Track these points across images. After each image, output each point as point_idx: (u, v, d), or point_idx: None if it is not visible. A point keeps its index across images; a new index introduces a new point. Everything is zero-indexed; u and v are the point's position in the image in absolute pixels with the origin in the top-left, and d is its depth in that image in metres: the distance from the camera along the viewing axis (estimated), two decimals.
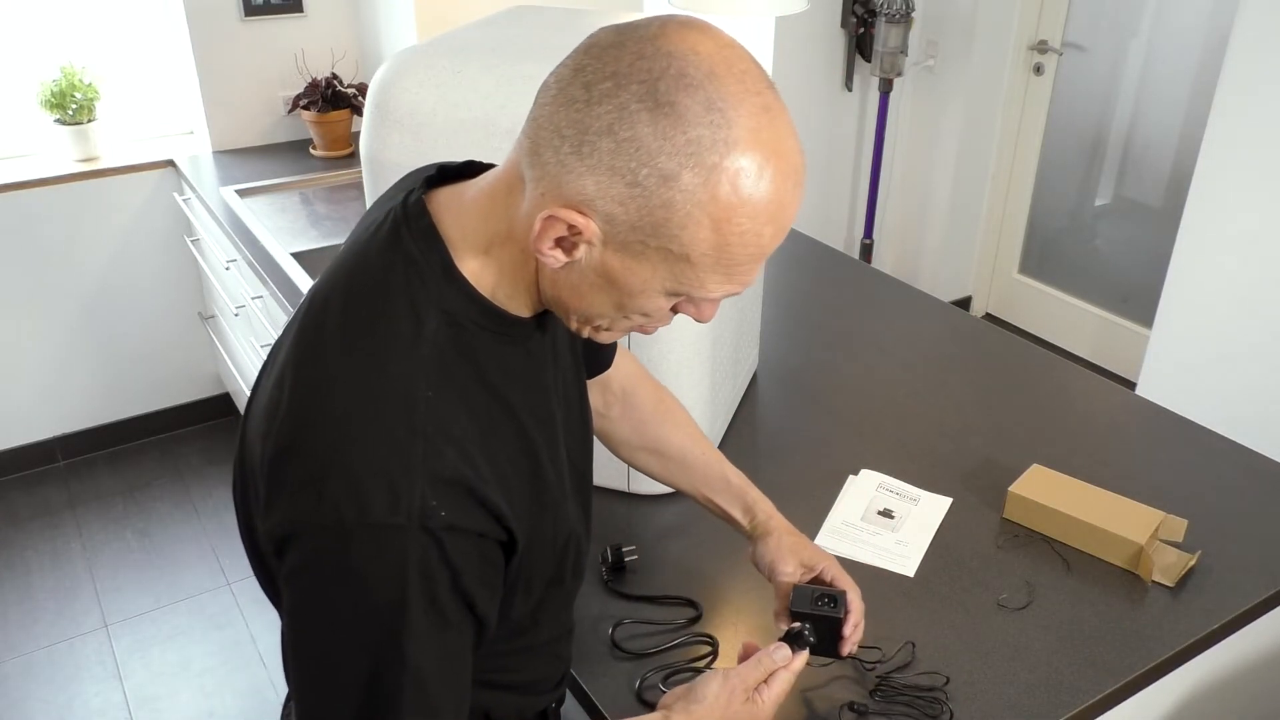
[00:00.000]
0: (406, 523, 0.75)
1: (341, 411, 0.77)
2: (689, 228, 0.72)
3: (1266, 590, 1.32)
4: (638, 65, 0.70)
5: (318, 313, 0.83)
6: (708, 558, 1.38)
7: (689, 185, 0.70)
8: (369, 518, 0.75)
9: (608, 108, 0.70)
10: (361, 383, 0.77)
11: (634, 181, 0.71)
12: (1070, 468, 1.52)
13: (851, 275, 2.24)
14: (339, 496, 0.75)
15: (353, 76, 3.15)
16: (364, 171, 1.42)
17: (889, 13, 3.41)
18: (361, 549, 0.75)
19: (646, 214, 0.72)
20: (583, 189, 0.72)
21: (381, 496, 0.75)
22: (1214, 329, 2.70)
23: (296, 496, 0.77)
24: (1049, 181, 3.80)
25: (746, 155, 0.71)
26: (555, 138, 0.72)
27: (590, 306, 0.81)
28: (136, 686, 2.43)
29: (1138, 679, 1.19)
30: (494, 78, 1.32)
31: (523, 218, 0.77)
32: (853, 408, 1.73)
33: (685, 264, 0.74)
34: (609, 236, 0.74)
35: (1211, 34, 3.18)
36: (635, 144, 0.70)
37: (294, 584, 0.80)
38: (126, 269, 3.09)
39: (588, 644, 1.23)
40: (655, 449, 1.22)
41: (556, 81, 0.74)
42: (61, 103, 2.86)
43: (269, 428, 0.81)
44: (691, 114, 0.69)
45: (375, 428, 0.76)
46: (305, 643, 0.81)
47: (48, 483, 3.12)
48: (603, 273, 0.77)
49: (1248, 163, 2.53)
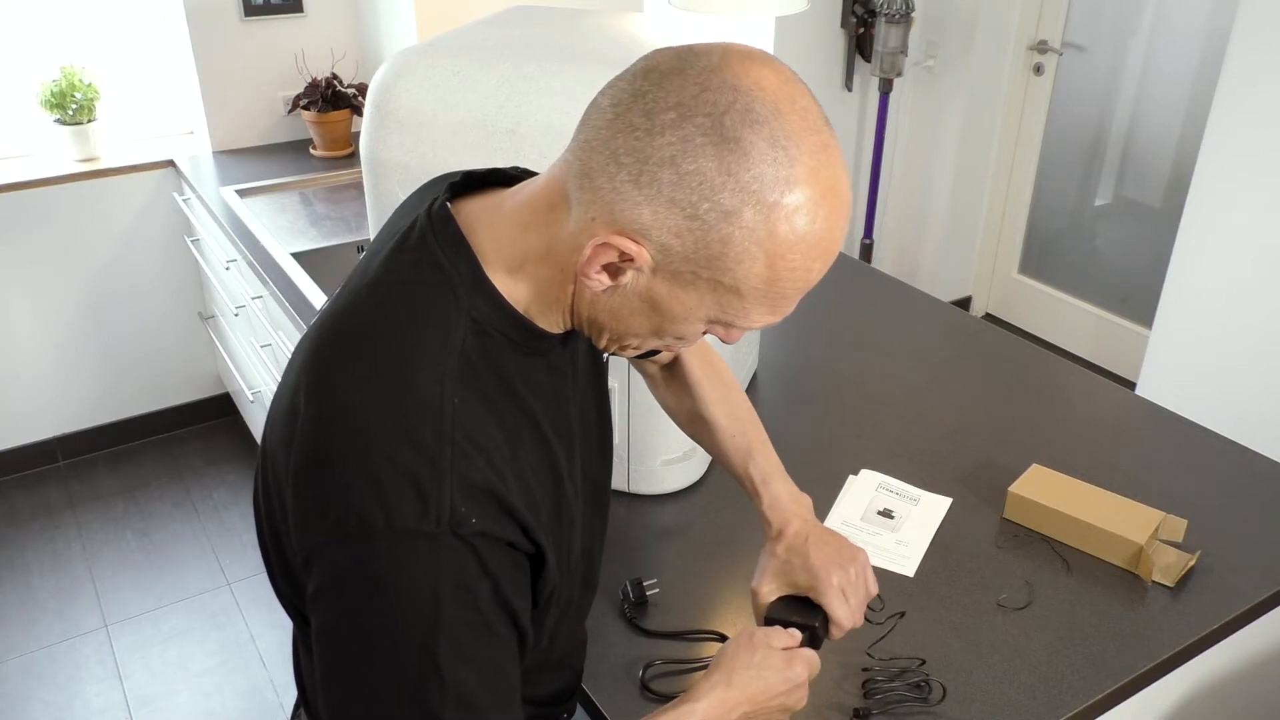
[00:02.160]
0: (436, 529, 0.73)
1: (367, 419, 0.75)
2: (744, 263, 0.72)
3: (1266, 590, 1.32)
4: (703, 98, 0.70)
5: (339, 319, 0.82)
6: (709, 558, 1.38)
7: (749, 222, 0.70)
8: (397, 524, 0.73)
9: (670, 139, 0.70)
10: (388, 389, 0.76)
11: (694, 215, 0.70)
12: (1070, 468, 1.52)
13: (851, 275, 2.24)
14: (366, 504, 0.73)
15: (353, 76, 3.15)
16: (364, 171, 1.42)
17: (889, 13, 3.41)
18: (391, 558, 0.73)
19: (703, 247, 0.71)
20: (639, 217, 0.72)
21: (410, 503, 0.73)
22: (1214, 329, 2.70)
23: (324, 506, 0.75)
24: (1049, 181, 3.80)
25: (806, 194, 0.71)
26: (611, 164, 0.72)
27: (627, 329, 0.80)
28: (136, 686, 2.43)
29: (1138, 679, 1.19)
30: (494, 78, 1.32)
31: (565, 238, 0.77)
32: (853, 408, 1.73)
33: (734, 296, 0.74)
34: (659, 265, 0.74)
35: (1211, 34, 3.18)
36: (698, 178, 0.69)
37: (323, 598, 0.77)
38: (126, 269, 3.09)
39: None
40: (694, 422, 1.18)
41: (613, 105, 0.73)
42: (61, 103, 2.86)
43: (289, 435, 0.79)
44: (756, 151, 0.69)
45: (402, 434, 0.74)
46: (337, 660, 0.77)
47: (48, 483, 3.12)
48: (647, 299, 0.77)
49: (1248, 163, 2.53)
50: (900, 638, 1.23)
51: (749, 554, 1.39)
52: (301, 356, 0.82)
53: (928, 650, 1.22)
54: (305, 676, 1.02)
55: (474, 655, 0.76)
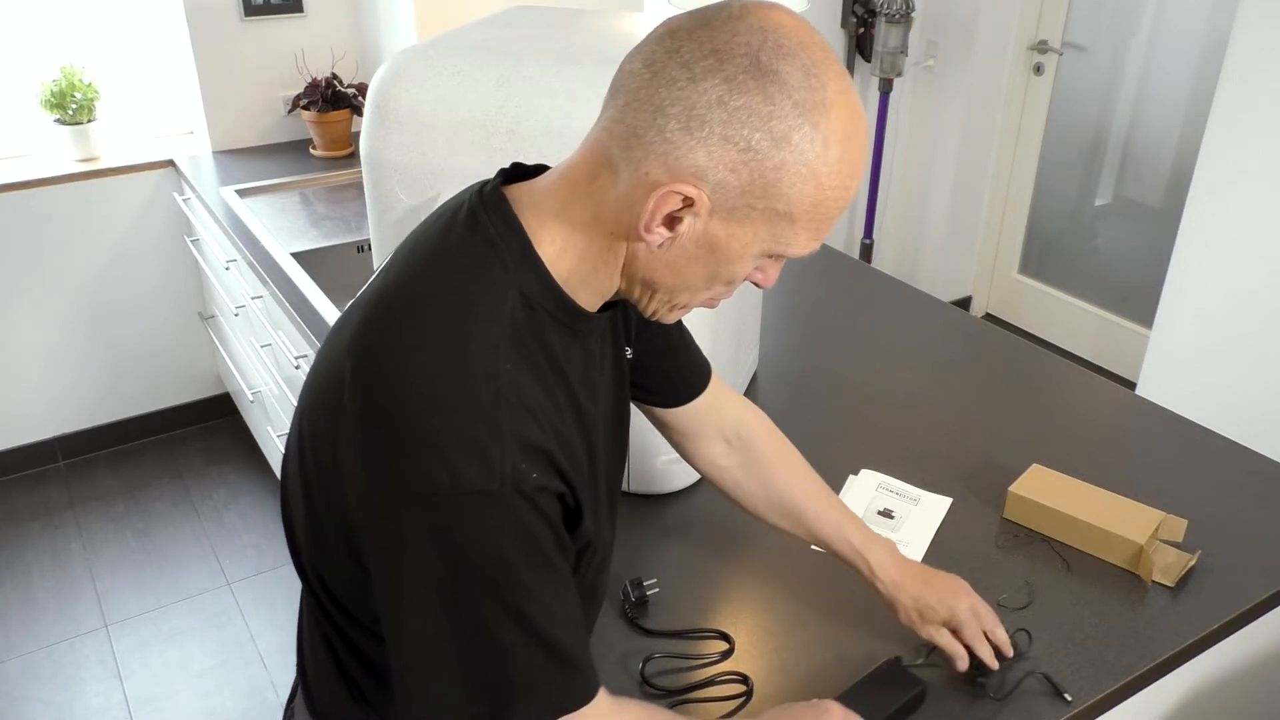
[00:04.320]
0: (500, 488, 0.76)
1: (426, 384, 0.77)
2: (797, 185, 0.76)
3: (1266, 590, 1.32)
4: (735, 41, 0.74)
5: (391, 291, 0.84)
6: (709, 558, 1.38)
7: (798, 144, 0.75)
8: (463, 486, 0.76)
9: (714, 81, 0.74)
10: (443, 356, 0.78)
11: (747, 147, 0.74)
12: (1070, 468, 1.52)
13: (851, 275, 2.24)
14: (432, 467, 0.76)
15: (353, 76, 3.15)
16: (364, 171, 1.42)
17: (889, 13, 3.41)
18: (459, 518, 0.76)
19: (759, 176, 0.75)
20: (694, 162, 0.75)
21: (474, 464, 0.76)
22: (1214, 329, 2.70)
23: (388, 472, 0.77)
24: (1049, 181, 3.80)
25: (839, 115, 0.76)
26: (659, 117, 0.75)
27: (683, 279, 0.83)
28: (136, 686, 2.43)
29: (1138, 679, 1.19)
30: (494, 78, 1.32)
31: (613, 201, 0.80)
32: (853, 408, 1.73)
33: (787, 222, 0.78)
34: (717, 205, 0.77)
35: (1211, 34, 3.18)
36: (747, 111, 0.74)
37: (392, 561, 0.79)
38: (126, 269, 3.09)
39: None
40: (779, 505, 1.22)
41: (646, 66, 0.77)
42: (61, 103, 2.86)
43: (335, 403, 0.81)
44: (794, 80, 0.74)
45: (461, 397, 0.77)
46: (410, 619, 0.80)
47: (48, 483, 3.12)
48: (705, 242, 0.80)
49: (1248, 163, 2.53)
50: (901, 637, 1.23)
51: (749, 554, 1.39)
52: (352, 328, 0.84)
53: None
54: (308, 656, 1.03)
55: (541, 594, 0.80)
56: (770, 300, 2.09)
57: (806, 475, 1.23)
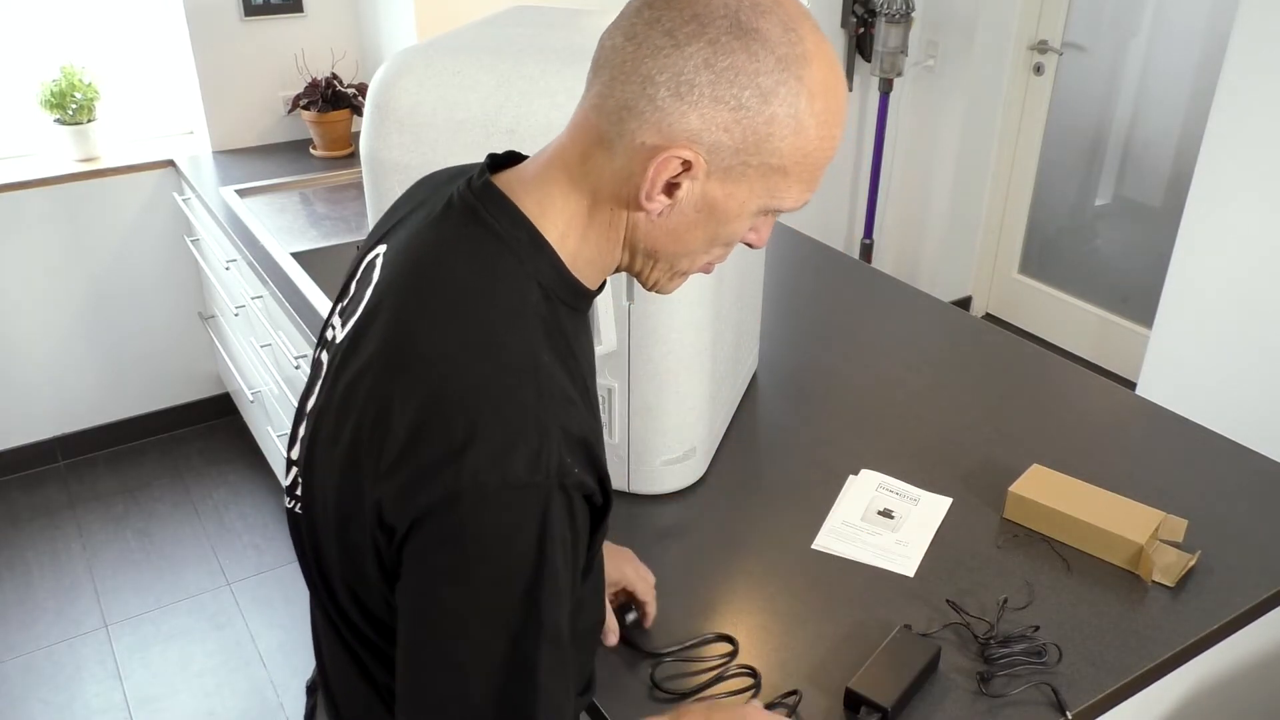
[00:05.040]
0: (545, 480, 0.76)
1: (468, 385, 0.77)
2: (788, 138, 0.78)
3: (1266, 590, 1.32)
4: (714, 5, 0.76)
5: (412, 309, 0.83)
6: (709, 558, 1.38)
7: (786, 98, 0.77)
8: (511, 482, 0.75)
9: (698, 45, 0.75)
10: (483, 353, 0.79)
11: (738, 105, 0.76)
12: (1070, 468, 1.52)
13: (851, 275, 2.24)
14: (480, 464, 0.75)
15: (353, 76, 3.15)
16: (364, 171, 1.42)
17: (889, 13, 3.41)
18: (502, 512, 0.76)
19: (751, 132, 0.77)
20: (687, 126, 0.77)
21: (521, 459, 0.76)
22: (1214, 329, 2.70)
23: (437, 474, 0.76)
24: (1049, 181, 3.80)
25: (819, 66, 0.79)
26: (648, 86, 0.77)
27: (684, 246, 0.85)
28: (136, 686, 2.43)
29: (1138, 679, 1.19)
30: (494, 78, 1.32)
31: (610, 175, 0.81)
32: (853, 408, 1.73)
33: (780, 176, 0.80)
34: (713, 166, 0.79)
35: (1211, 34, 3.19)
36: (734, 71, 0.75)
37: (427, 561, 0.78)
38: (126, 269, 3.09)
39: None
40: None
41: (629, 40, 0.78)
42: (61, 103, 2.86)
43: (380, 420, 0.80)
44: (774, 35, 0.76)
45: (506, 394, 0.77)
46: (442, 618, 0.79)
47: (48, 483, 3.12)
48: (703, 205, 0.81)
49: (1248, 163, 2.53)
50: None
51: (749, 554, 1.39)
52: (380, 335, 0.83)
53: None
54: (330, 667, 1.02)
55: (562, 600, 0.80)
56: (770, 300, 2.09)
57: None
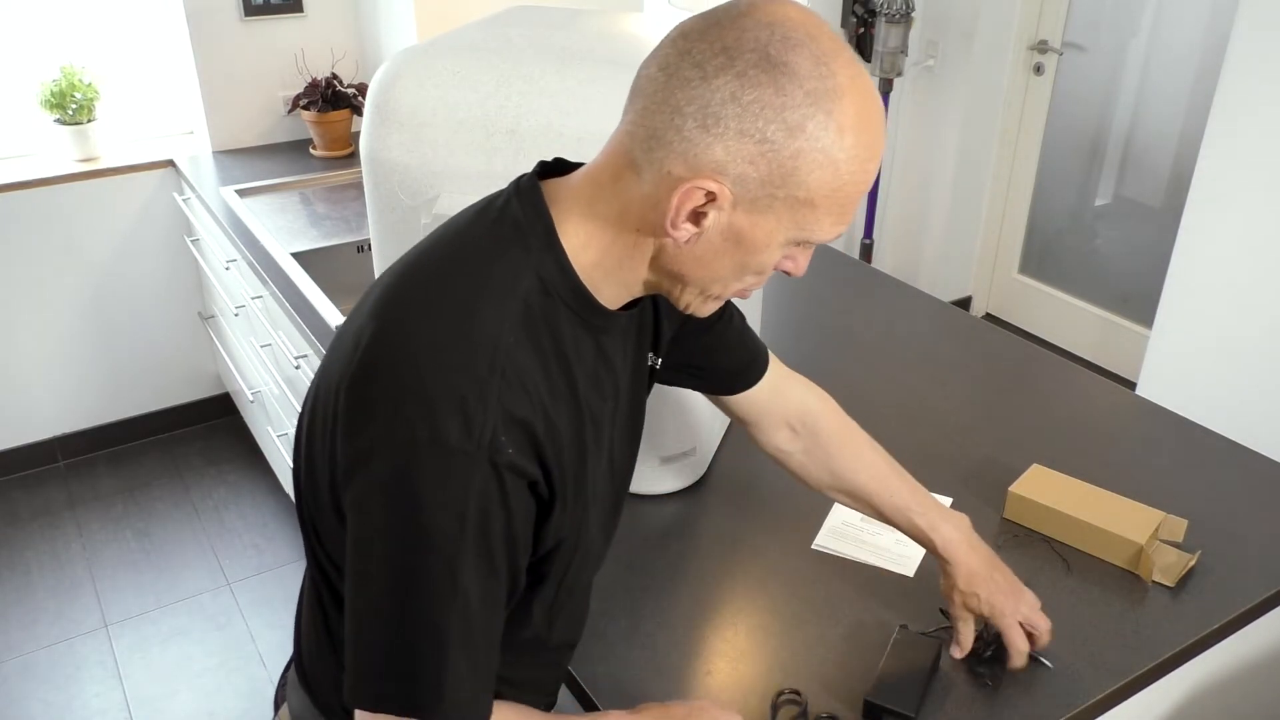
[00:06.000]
0: (475, 451, 0.78)
1: (426, 341, 0.80)
2: (815, 172, 0.79)
3: (1266, 590, 1.32)
4: (744, 38, 0.77)
5: (415, 263, 0.87)
6: (709, 558, 1.38)
7: (813, 132, 0.77)
8: (441, 440, 0.77)
9: (726, 78, 0.76)
10: (450, 318, 0.81)
11: (763, 139, 0.77)
12: (1070, 468, 1.52)
13: (851, 275, 2.24)
14: (414, 417, 0.78)
15: (353, 76, 3.15)
16: (364, 171, 1.42)
17: (889, 13, 3.41)
18: (429, 470, 0.78)
19: (777, 166, 0.78)
20: (713, 158, 0.78)
21: (455, 422, 0.78)
22: (1214, 329, 2.70)
23: (372, 414, 0.80)
24: (1049, 181, 3.80)
25: (852, 100, 0.78)
26: (676, 117, 0.78)
27: (712, 273, 0.86)
28: (136, 686, 2.43)
29: (1138, 679, 1.19)
30: (494, 78, 1.32)
31: (638, 200, 0.83)
32: (853, 408, 1.71)
33: (808, 209, 0.81)
34: (739, 197, 0.80)
35: (1211, 34, 3.18)
36: (760, 104, 0.76)
37: (360, 505, 0.81)
38: (126, 269, 3.09)
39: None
40: (845, 489, 1.24)
41: (661, 69, 0.79)
42: (61, 103, 2.86)
43: (350, 357, 0.83)
44: (803, 70, 0.77)
45: (458, 358, 0.79)
46: (362, 565, 0.82)
47: (48, 483, 3.12)
48: (730, 235, 0.82)
49: (1248, 163, 2.53)
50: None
51: (748, 554, 1.39)
52: (375, 294, 0.87)
53: None
54: (305, 624, 1.04)
55: (481, 579, 0.81)
56: (770, 300, 2.09)
57: (873, 458, 1.24)
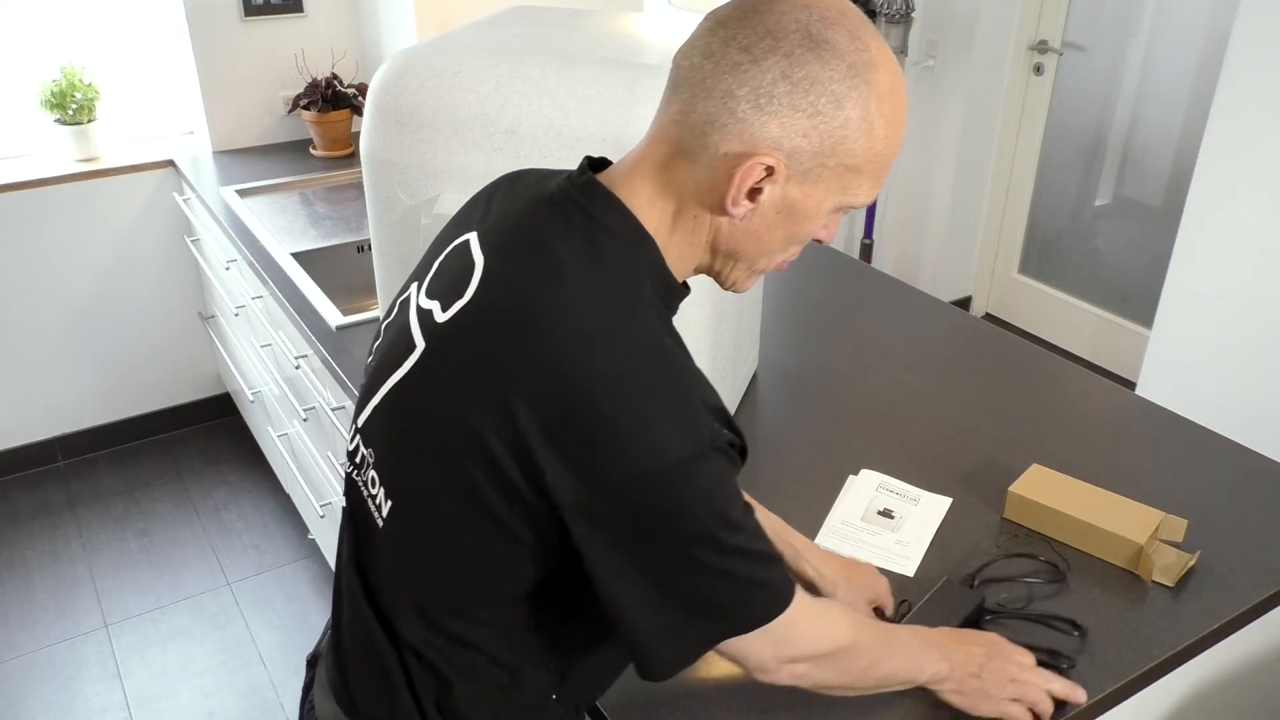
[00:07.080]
0: (702, 450, 0.83)
1: (610, 369, 0.83)
2: (860, 139, 0.85)
3: (1266, 590, 1.32)
4: (785, 20, 0.83)
5: (528, 308, 0.86)
6: None
7: (858, 101, 0.83)
8: (670, 457, 0.81)
9: (774, 59, 0.82)
10: (616, 340, 0.84)
11: (814, 112, 0.83)
12: (1070, 468, 1.52)
13: (851, 275, 2.24)
14: (635, 448, 0.81)
15: (353, 76, 3.15)
16: (364, 171, 1.42)
17: (889, 13, 3.42)
18: (669, 488, 0.82)
19: (827, 136, 0.84)
20: (768, 134, 0.83)
21: (675, 435, 0.82)
22: (1214, 329, 2.70)
23: (590, 459, 0.82)
24: (1049, 181, 3.80)
25: (885, 71, 0.85)
26: (729, 100, 0.83)
27: (764, 246, 0.91)
28: (136, 686, 2.43)
29: (1138, 679, 1.19)
30: (494, 78, 1.32)
31: (694, 185, 0.87)
32: (853, 408, 1.73)
33: (854, 174, 0.87)
34: (792, 170, 0.85)
35: (1211, 34, 3.18)
36: (810, 80, 0.82)
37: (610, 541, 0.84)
38: (126, 269, 3.09)
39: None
40: None
41: (706, 58, 0.84)
42: (61, 103, 2.86)
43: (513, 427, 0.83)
44: (842, 45, 0.83)
45: (645, 376, 0.83)
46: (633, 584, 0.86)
47: (48, 483, 3.12)
48: (783, 207, 0.87)
49: (1248, 163, 2.53)
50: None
51: None
52: (500, 334, 0.86)
53: None
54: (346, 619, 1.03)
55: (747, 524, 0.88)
56: (770, 300, 2.09)
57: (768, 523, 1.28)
